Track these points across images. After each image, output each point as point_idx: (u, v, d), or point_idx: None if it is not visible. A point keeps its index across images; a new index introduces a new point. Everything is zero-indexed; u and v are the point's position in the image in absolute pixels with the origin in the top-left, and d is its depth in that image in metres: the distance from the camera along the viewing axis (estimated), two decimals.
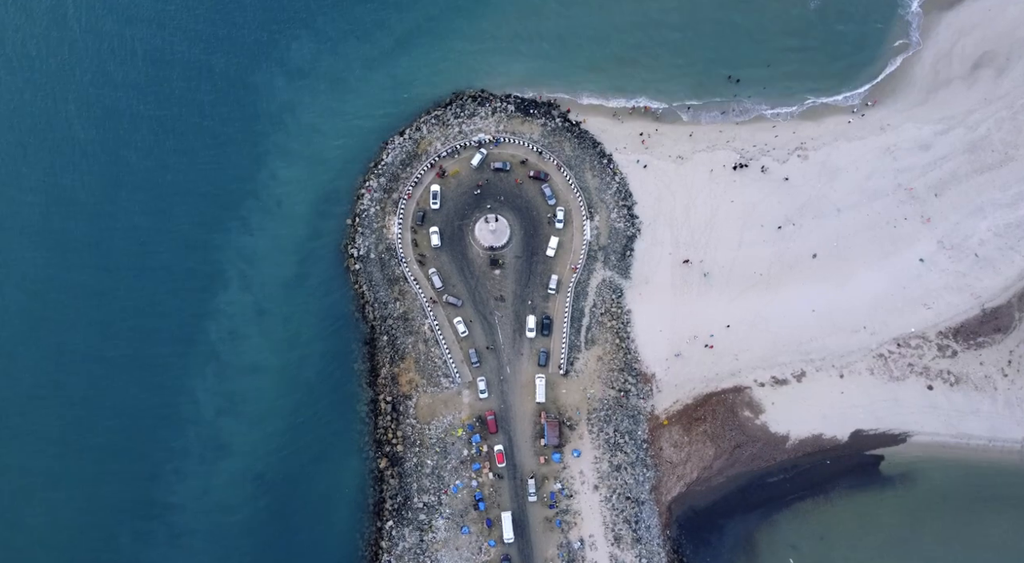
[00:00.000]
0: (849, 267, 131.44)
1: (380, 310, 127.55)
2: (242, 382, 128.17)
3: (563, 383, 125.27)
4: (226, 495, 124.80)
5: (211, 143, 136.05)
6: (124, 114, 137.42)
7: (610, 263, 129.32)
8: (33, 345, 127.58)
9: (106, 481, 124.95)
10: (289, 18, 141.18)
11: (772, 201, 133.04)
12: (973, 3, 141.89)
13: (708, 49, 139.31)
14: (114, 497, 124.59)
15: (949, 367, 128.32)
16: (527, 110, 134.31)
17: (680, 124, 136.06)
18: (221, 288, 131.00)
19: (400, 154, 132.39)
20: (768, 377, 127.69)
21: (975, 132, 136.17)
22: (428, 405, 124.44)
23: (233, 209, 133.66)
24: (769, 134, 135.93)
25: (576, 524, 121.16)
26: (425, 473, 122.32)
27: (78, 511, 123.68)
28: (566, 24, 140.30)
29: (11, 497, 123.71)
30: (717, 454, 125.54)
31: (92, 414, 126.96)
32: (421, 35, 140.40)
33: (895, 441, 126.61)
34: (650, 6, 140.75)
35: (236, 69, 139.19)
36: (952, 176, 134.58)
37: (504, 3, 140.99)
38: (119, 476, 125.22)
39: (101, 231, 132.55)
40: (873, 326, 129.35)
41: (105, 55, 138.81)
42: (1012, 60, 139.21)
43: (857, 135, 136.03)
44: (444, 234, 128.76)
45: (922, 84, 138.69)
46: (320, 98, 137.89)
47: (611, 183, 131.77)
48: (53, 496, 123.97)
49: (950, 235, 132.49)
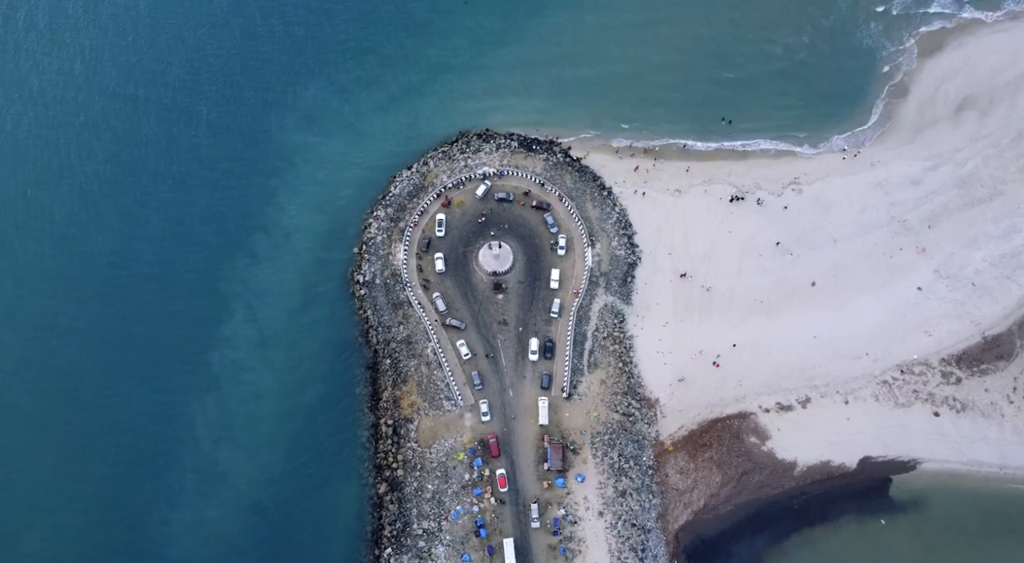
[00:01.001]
0: (848, 295, 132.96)
1: (384, 334, 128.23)
2: (242, 409, 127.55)
3: (566, 406, 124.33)
4: (221, 525, 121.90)
5: (223, 182, 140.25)
6: (146, 156, 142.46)
7: (612, 289, 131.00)
8: (38, 371, 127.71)
9: (101, 508, 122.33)
10: (301, 69, 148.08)
11: (769, 232, 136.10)
12: (953, 52, 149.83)
13: (702, 97, 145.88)
14: (109, 524, 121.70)
15: (954, 394, 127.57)
16: (530, 147, 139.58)
17: (677, 160, 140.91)
18: (227, 317, 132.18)
19: (407, 186, 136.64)
20: (772, 403, 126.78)
21: (963, 168, 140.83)
22: (430, 428, 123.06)
23: (242, 242, 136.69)
24: (763, 170, 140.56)
25: (581, 552, 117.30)
26: (425, 498, 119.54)
27: (72, 537, 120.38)
28: (567, 75, 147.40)
29: (6, 523, 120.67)
30: (724, 481, 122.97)
31: (90, 440, 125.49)
32: (428, 83, 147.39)
33: (904, 468, 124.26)
34: (646, 60, 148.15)
35: (249, 115, 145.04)
36: (944, 209, 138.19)
37: (508, 55, 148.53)
38: (115, 503, 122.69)
39: (114, 261, 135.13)
40: (875, 352, 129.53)
41: (124, 101, 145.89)
42: (994, 103, 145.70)
43: (849, 171, 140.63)
44: (448, 260, 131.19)
45: (909, 125, 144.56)
46: (330, 140, 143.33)
47: (611, 213, 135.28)
48: (46, 522, 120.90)
49: (946, 265, 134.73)
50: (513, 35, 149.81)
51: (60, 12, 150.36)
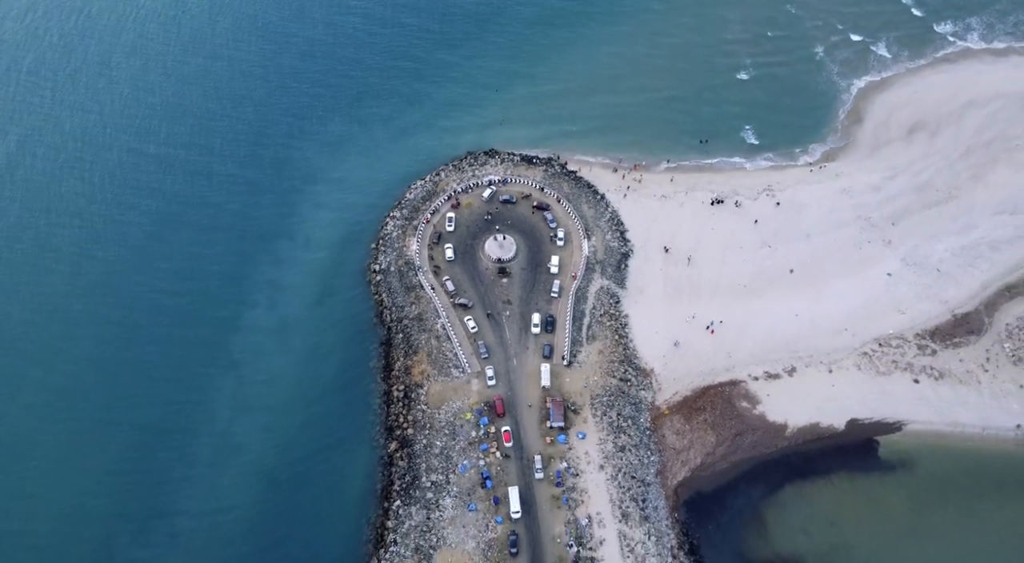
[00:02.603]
0: (823, 280, 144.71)
1: (396, 313, 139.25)
2: (261, 384, 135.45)
3: (566, 373, 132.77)
4: (236, 486, 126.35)
5: (251, 193, 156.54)
6: (177, 172, 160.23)
7: (607, 274, 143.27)
8: (74, 343, 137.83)
9: (123, 474, 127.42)
10: (327, 106, 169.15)
11: (748, 229, 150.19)
12: (901, 89, 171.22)
13: (682, 123, 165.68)
14: (128, 489, 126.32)
15: (931, 363, 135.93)
16: (530, 161, 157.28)
17: (662, 172, 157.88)
18: (250, 305, 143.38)
19: (421, 192, 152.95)
20: (761, 372, 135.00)
21: (919, 177, 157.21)
22: (439, 392, 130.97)
23: (268, 243, 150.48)
24: (739, 180, 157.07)
25: (583, 502, 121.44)
26: (434, 454, 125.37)
27: (95, 500, 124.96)
28: (562, 109, 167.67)
29: (27, 483, 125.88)
30: (719, 441, 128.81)
31: (117, 412, 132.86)
32: (438, 118, 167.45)
33: (891, 429, 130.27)
34: (631, 94, 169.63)
35: (277, 143, 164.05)
36: (905, 210, 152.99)
37: (510, 95, 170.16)
38: (136, 470, 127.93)
39: (152, 258, 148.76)
40: (853, 328, 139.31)
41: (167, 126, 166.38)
42: (941, 126, 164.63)
43: (816, 180, 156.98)
44: (457, 250, 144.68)
45: (866, 144, 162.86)
46: (349, 162, 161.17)
47: (604, 213, 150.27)
48: (73, 485, 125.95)
49: (911, 255, 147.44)
50: (515, 79, 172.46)
51: (125, 46, 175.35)
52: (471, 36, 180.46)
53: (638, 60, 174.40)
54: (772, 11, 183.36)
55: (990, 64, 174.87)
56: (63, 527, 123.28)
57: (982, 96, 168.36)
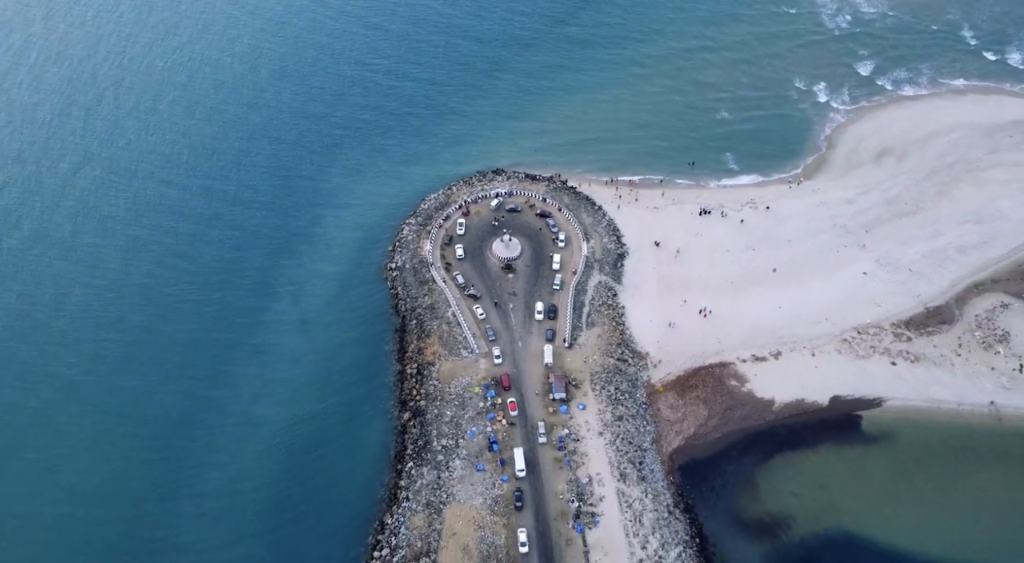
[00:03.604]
0: (804, 278, 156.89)
1: (411, 303, 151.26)
2: (282, 368, 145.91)
3: (568, 353, 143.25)
4: (255, 457, 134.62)
5: (279, 206, 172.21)
6: (215, 198, 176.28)
7: (605, 271, 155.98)
8: (119, 333, 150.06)
9: (149, 448, 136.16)
10: (349, 141, 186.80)
11: (733, 235, 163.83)
12: (867, 122, 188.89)
13: (671, 149, 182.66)
14: (152, 462, 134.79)
15: (907, 348, 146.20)
16: (534, 177, 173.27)
17: (654, 188, 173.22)
18: (273, 300, 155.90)
19: (434, 203, 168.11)
20: (748, 355, 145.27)
21: (888, 193, 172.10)
22: (449, 369, 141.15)
23: (291, 248, 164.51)
24: (724, 195, 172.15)
25: (583, 464, 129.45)
26: (444, 422, 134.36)
27: (124, 469, 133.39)
28: (563, 138, 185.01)
29: (56, 456, 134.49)
30: (711, 414, 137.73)
31: (148, 394, 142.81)
32: (448, 146, 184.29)
33: (872, 405, 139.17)
34: (625, 124, 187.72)
35: (306, 173, 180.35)
36: (877, 220, 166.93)
37: (515, 126, 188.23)
38: (162, 446, 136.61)
39: (189, 256, 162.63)
40: (833, 318, 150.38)
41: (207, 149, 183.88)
42: (908, 152, 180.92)
43: (794, 195, 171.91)
44: (467, 250, 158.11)
45: (839, 166, 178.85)
46: (369, 183, 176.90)
47: (602, 221, 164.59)
48: (106, 453, 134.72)
49: (885, 257, 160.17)
50: (521, 113, 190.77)
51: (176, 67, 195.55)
52: (474, 87, 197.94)
53: (628, 106, 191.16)
54: (746, 68, 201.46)
55: (950, 101, 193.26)
56: (94, 494, 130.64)
57: (943, 127, 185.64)
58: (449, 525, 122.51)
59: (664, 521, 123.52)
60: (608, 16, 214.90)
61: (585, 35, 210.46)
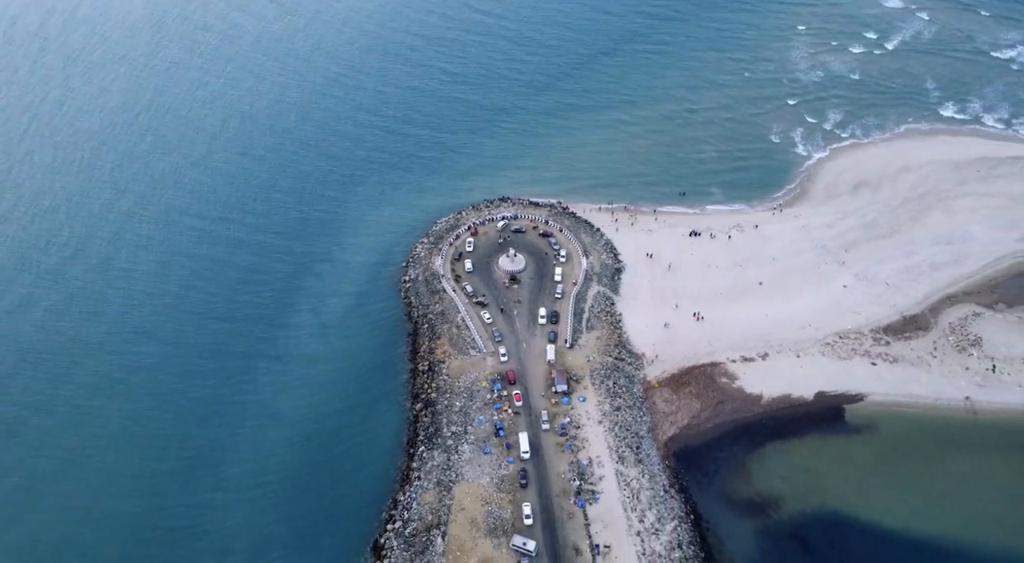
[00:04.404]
0: (789, 291, 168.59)
1: (423, 310, 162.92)
2: (301, 369, 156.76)
3: (569, 353, 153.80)
4: (275, 447, 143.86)
5: (300, 229, 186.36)
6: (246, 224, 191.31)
7: (603, 282, 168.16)
8: (151, 339, 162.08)
9: (174, 440, 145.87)
10: (368, 175, 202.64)
11: (722, 253, 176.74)
12: (844, 159, 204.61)
13: (663, 181, 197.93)
14: (176, 450, 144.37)
15: (886, 351, 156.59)
16: (537, 204, 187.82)
17: (648, 215, 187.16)
18: (295, 310, 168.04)
19: (445, 226, 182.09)
20: (738, 356, 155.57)
21: (865, 218, 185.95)
22: (458, 366, 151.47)
23: (311, 266, 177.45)
24: (713, 219, 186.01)
25: (584, 448, 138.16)
26: (454, 411, 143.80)
27: (154, 454, 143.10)
28: (564, 173, 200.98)
29: (91, 438, 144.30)
30: (703, 407, 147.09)
31: (175, 393, 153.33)
32: (458, 179, 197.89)
33: (854, 400, 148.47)
34: (620, 159, 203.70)
35: (327, 205, 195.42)
36: (855, 241, 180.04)
37: (522, 162, 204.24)
38: (195, 432, 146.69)
39: (216, 279, 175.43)
40: (816, 324, 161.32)
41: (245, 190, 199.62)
42: (883, 184, 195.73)
43: (778, 220, 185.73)
44: (475, 265, 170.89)
45: (819, 196, 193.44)
46: (382, 211, 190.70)
47: (600, 240, 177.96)
48: (137, 443, 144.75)
49: (863, 272, 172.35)
50: (520, 155, 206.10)
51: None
52: (477, 133, 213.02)
53: (619, 154, 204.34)
54: (728, 124, 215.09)
55: (919, 142, 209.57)
56: (121, 480, 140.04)
57: (914, 163, 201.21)
58: (458, 501, 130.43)
59: (660, 499, 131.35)
60: (597, 82, 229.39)
61: (576, 95, 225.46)
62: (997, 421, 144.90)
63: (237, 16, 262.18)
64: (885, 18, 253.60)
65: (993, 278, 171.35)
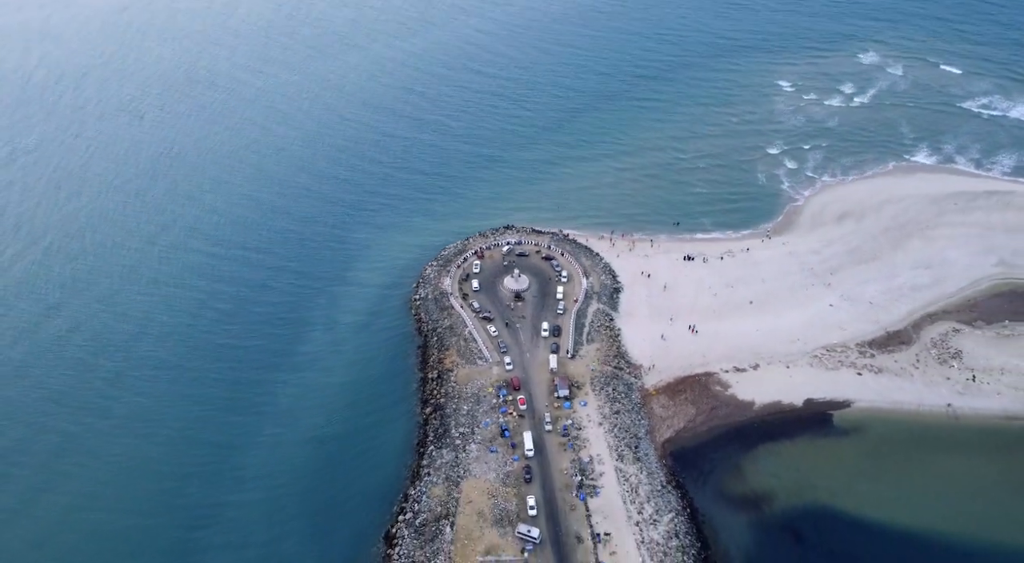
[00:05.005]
0: (778, 309, 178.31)
1: (432, 325, 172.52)
2: (317, 380, 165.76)
3: (570, 363, 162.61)
4: (291, 450, 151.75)
5: (317, 254, 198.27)
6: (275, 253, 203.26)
7: (602, 300, 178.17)
8: (186, 349, 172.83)
9: (197, 442, 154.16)
10: (382, 205, 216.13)
11: (714, 275, 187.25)
12: (829, 193, 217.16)
13: (658, 213, 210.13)
14: (204, 452, 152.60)
15: (871, 363, 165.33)
16: (539, 231, 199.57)
17: (644, 242, 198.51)
18: (311, 327, 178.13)
19: (453, 250, 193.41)
20: (730, 367, 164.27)
21: (849, 245, 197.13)
22: (466, 374, 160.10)
23: (327, 288, 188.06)
24: (706, 246, 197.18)
25: (585, 447, 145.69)
26: (462, 414, 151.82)
27: (176, 453, 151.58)
28: (565, 208, 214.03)
29: (131, 444, 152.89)
30: (698, 412, 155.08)
31: (200, 404, 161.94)
32: (466, 210, 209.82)
33: (841, 406, 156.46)
34: (617, 194, 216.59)
35: (342, 232, 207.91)
36: (840, 265, 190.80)
37: (524, 196, 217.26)
38: (215, 437, 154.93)
39: (242, 292, 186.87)
40: (805, 339, 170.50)
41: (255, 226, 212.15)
42: (866, 215, 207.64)
43: (767, 247, 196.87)
44: (482, 284, 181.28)
45: (806, 225, 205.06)
46: (395, 237, 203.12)
47: (599, 263, 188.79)
48: (161, 442, 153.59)
49: (848, 293, 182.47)
50: (524, 193, 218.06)
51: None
52: (475, 177, 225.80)
53: (612, 194, 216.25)
54: (717, 170, 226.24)
55: (899, 178, 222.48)
56: (149, 477, 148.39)
57: (895, 196, 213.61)
58: (466, 495, 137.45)
59: (658, 493, 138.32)
60: (590, 134, 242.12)
61: (571, 145, 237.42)
62: (978, 425, 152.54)
63: (244, 75, 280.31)
64: (861, 73, 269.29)
65: (971, 298, 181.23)
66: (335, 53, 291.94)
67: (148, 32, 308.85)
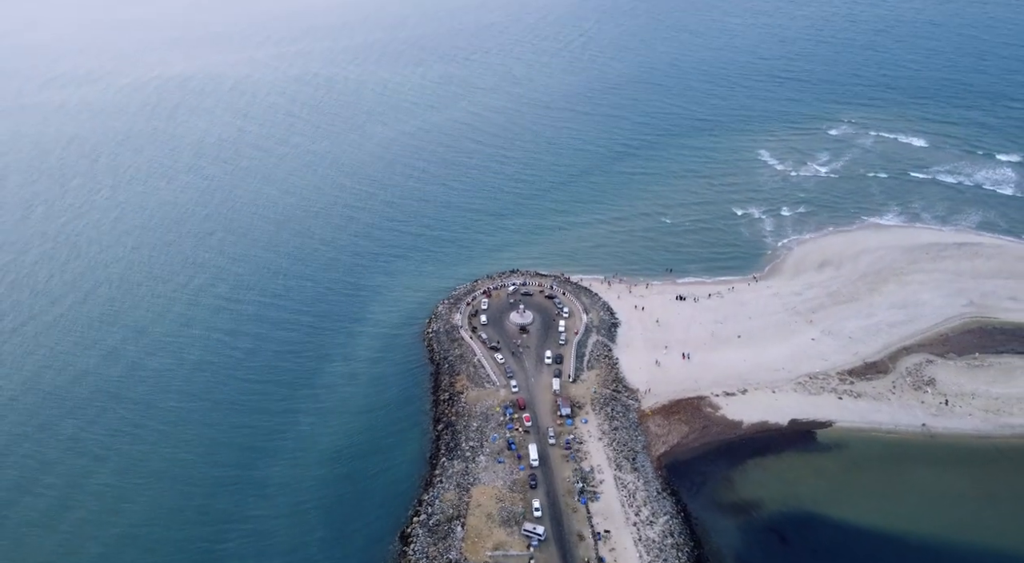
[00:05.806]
0: (763, 342, 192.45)
1: (443, 354, 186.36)
2: (335, 403, 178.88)
3: (571, 386, 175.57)
4: (310, 468, 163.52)
5: (332, 295, 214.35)
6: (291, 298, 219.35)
7: (601, 333, 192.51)
8: (217, 370, 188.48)
9: (215, 460, 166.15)
10: (392, 253, 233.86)
11: (704, 313, 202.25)
12: (810, 245, 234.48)
13: (651, 261, 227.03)
14: (235, 455, 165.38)
15: (850, 388, 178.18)
16: (543, 274, 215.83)
17: (640, 285, 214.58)
18: (328, 361, 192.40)
19: (463, 291, 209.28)
20: (720, 391, 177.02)
21: (829, 289, 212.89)
22: (475, 396, 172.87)
23: (344, 327, 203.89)
24: (696, 288, 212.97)
25: (586, 458, 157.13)
26: (471, 430, 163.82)
27: (205, 460, 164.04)
28: (566, 255, 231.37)
29: (154, 446, 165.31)
30: (691, 430, 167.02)
31: (225, 426, 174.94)
32: (473, 257, 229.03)
33: (824, 426, 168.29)
34: (612, 243, 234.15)
35: (358, 278, 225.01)
36: (821, 305, 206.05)
37: (527, 244, 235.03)
38: (240, 452, 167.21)
39: (266, 331, 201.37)
40: (788, 368, 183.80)
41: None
42: (844, 263, 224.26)
43: (752, 290, 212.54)
44: (490, 319, 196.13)
45: (789, 272, 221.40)
46: (408, 281, 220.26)
47: (598, 302, 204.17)
48: (201, 446, 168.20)
49: (829, 329, 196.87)
50: (522, 248, 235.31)
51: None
52: (475, 231, 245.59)
53: (604, 250, 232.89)
54: (703, 232, 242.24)
55: (875, 231, 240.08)
56: (179, 486, 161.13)
57: (871, 247, 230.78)
58: (475, 499, 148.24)
59: (654, 498, 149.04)
60: (583, 197, 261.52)
61: (565, 206, 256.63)
62: (951, 443, 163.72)
63: (268, 144, 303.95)
64: (833, 147, 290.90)
65: (944, 334, 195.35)
66: (350, 129, 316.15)
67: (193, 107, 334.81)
